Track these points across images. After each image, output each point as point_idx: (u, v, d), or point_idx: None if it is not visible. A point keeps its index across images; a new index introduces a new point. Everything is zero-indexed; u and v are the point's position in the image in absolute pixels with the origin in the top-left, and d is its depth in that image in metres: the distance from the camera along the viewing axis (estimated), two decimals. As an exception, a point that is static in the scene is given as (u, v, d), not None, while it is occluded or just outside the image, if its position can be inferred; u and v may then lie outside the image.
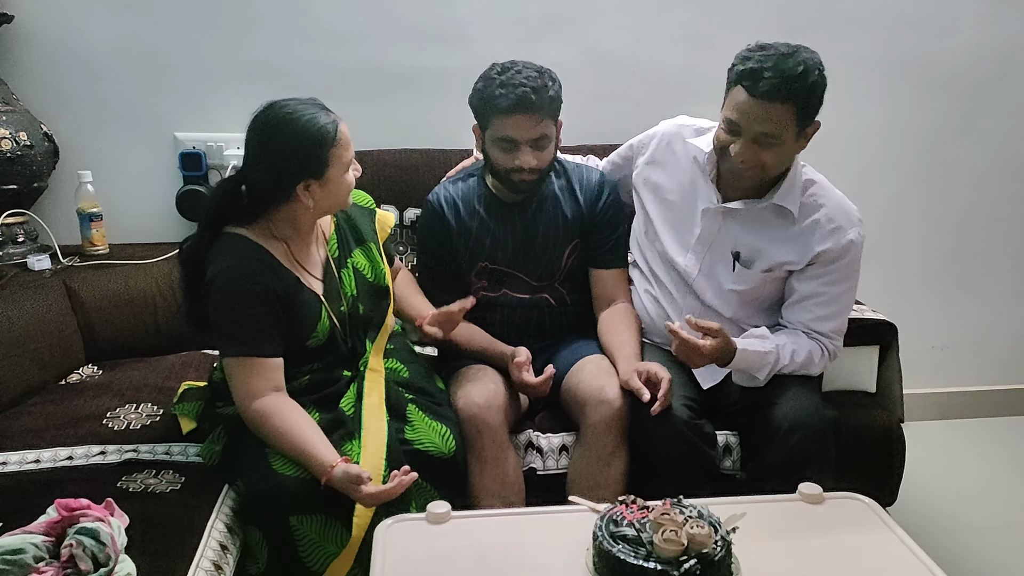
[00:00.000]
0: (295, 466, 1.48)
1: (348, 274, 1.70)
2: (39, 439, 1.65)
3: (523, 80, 1.69)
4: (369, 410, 1.59)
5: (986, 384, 2.82)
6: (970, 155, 2.60)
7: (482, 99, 1.74)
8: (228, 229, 1.58)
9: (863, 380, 2.01)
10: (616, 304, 1.89)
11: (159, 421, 1.75)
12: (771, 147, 1.60)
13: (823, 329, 1.73)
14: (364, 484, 1.41)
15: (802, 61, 1.55)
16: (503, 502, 1.63)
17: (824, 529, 1.39)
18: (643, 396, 1.61)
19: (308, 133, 1.50)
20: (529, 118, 1.71)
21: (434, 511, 1.39)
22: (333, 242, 1.71)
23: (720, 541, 1.19)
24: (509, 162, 1.75)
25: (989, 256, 2.70)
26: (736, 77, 1.60)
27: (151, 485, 1.51)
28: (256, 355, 1.52)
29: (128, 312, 2.06)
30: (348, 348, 1.69)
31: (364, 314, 1.71)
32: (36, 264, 2.09)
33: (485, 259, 1.87)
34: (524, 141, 1.73)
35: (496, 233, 1.86)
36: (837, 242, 1.69)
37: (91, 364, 2.01)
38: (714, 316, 1.81)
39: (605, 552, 1.19)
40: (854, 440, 1.83)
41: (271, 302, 1.53)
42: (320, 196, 1.56)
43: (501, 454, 1.66)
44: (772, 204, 1.70)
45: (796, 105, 1.56)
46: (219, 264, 1.53)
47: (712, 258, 1.79)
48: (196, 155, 2.29)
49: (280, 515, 1.46)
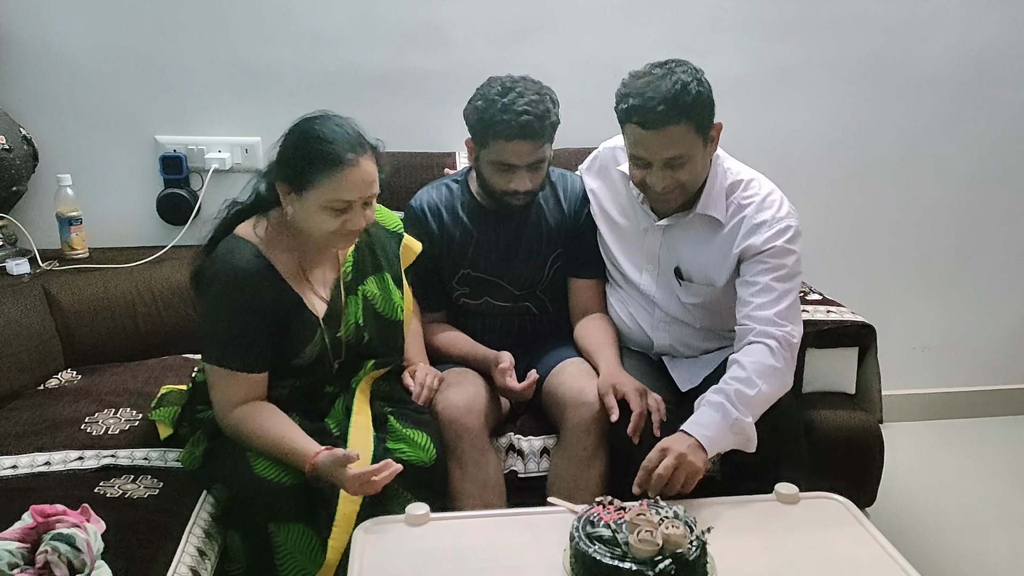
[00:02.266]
0: (278, 469, 1.47)
1: (356, 301, 1.65)
2: (17, 444, 1.64)
3: (526, 106, 1.67)
4: (357, 427, 1.58)
5: (967, 385, 2.84)
6: (950, 157, 2.62)
7: (481, 120, 1.71)
8: (240, 231, 1.55)
9: (842, 381, 2.03)
10: (592, 315, 1.89)
11: (138, 426, 1.74)
12: (683, 166, 1.60)
13: (765, 315, 1.60)
14: (349, 466, 1.39)
15: (678, 79, 1.54)
16: (484, 505, 1.63)
17: (799, 529, 1.40)
18: (612, 415, 1.62)
19: (310, 143, 1.47)
20: (530, 144, 1.70)
21: (413, 513, 1.39)
22: (349, 264, 1.66)
23: (695, 541, 1.20)
24: (504, 184, 1.74)
25: (970, 258, 2.73)
26: (624, 116, 1.60)
27: (129, 490, 1.50)
28: (240, 370, 1.50)
29: (108, 316, 2.05)
30: (335, 371, 1.66)
31: (367, 344, 1.67)
32: (15, 268, 2.08)
33: (468, 267, 1.87)
34: (522, 165, 1.72)
35: (479, 241, 1.86)
36: (761, 235, 1.64)
37: (70, 369, 2.00)
38: (685, 328, 1.82)
39: (581, 552, 1.20)
40: (833, 441, 1.85)
41: (264, 317, 1.50)
42: (296, 210, 1.50)
43: (481, 458, 1.66)
44: (698, 215, 1.71)
45: (690, 121, 1.56)
46: (219, 268, 1.50)
47: (664, 275, 1.80)
48: (177, 158, 2.28)
49: (260, 520, 1.46)
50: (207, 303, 1.52)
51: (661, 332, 1.85)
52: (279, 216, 1.55)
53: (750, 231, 1.66)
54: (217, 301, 1.50)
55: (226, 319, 1.50)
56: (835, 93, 2.51)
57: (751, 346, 1.59)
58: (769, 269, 1.63)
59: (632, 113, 1.57)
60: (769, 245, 1.64)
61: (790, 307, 1.62)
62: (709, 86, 1.60)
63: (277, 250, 1.55)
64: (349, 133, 1.49)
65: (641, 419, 1.60)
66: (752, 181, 1.72)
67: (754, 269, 1.65)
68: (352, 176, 1.46)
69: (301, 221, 1.50)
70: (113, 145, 2.30)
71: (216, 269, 1.50)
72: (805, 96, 2.50)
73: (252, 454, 1.49)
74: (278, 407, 1.55)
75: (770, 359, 1.56)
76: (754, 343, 1.59)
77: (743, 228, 1.67)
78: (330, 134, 1.47)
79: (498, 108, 1.68)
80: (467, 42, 2.34)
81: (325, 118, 1.51)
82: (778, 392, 1.58)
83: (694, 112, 1.56)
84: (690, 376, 1.81)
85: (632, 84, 1.59)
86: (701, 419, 1.51)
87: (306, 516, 1.47)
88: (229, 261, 1.50)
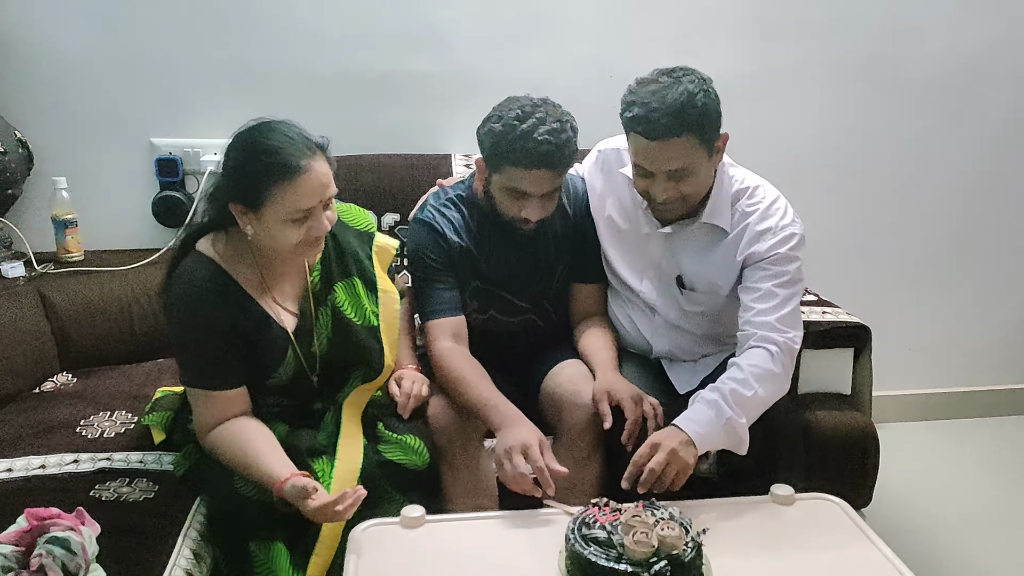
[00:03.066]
0: (258, 487, 1.45)
1: (326, 312, 1.60)
2: (12, 448, 1.64)
3: (547, 136, 1.58)
4: (346, 439, 1.56)
5: (962, 386, 2.85)
6: (945, 157, 2.63)
7: (497, 145, 1.62)
8: (200, 247, 1.51)
9: (838, 382, 2.03)
10: (592, 318, 1.87)
11: (133, 429, 1.74)
12: (685, 178, 1.57)
13: (766, 320, 1.61)
14: (312, 496, 1.35)
15: (684, 90, 1.51)
16: (476, 509, 1.62)
17: (795, 530, 1.40)
18: (604, 422, 1.59)
19: (258, 157, 1.39)
20: (548, 173, 1.63)
21: (409, 515, 1.39)
22: (316, 274, 1.61)
23: (691, 543, 1.20)
24: (515, 210, 1.68)
25: (965, 258, 2.73)
26: (628, 124, 1.56)
27: (124, 494, 1.50)
28: (212, 388, 1.48)
29: (103, 319, 2.05)
30: (318, 388, 1.64)
31: (341, 357, 1.62)
32: (10, 271, 2.07)
33: (478, 280, 1.80)
34: (537, 194, 1.65)
35: (491, 255, 1.78)
36: (765, 243, 1.64)
37: (65, 372, 2.00)
38: (686, 334, 1.81)
39: (577, 554, 1.20)
40: (829, 442, 1.85)
41: (228, 334, 1.47)
42: (256, 230, 1.44)
43: (473, 462, 1.66)
44: (703, 223, 1.69)
45: (694, 134, 1.52)
46: (178, 288, 1.47)
47: (666, 282, 1.78)
48: (172, 161, 2.28)
49: (240, 537, 1.44)
50: (173, 323, 1.49)
51: (661, 338, 1.84)
52: (238, 231, 1.48)
53: (754, 238, 1.65)
54: (181, 320, 1.47)
55: (191, 339, 1.47)
56: (830, 94, 2.52)
57: (752, 350, 1.59)
58: (772, 275, 1.63)
59: (636, 122, 1.53)
60: (772, 252, 1.63)
61: (791, 313, 1.62)
62: (717, 97, 1.56)
63: (238, 264, 1.50)
64: (294, 138, 1.42)
65: (635, 426, 1.58)
66: (757, 188, 1.71)
67: (756, 275, 1.65)
68: (308, 182, 1.40)
69: (263, 238, 1.45)
70: (109, 148, 2.29)
71: (176, 288, 1.47)
72: (800, 97, 2.51)
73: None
74: (265, 423, 1.52)
75: (769, 364, 1.56)
76: (755, 347, 1.58)
77: (747, 235, 1.66)
78: (276, 144, 1.40)
79: (517, 135, 1.59)
80: (465, 45, 2.34)
81: (266, 128, 1.43)
82: (774, 396, 1.58)
83: (699, 124, 1.52)
84: (688, 379, 1.81)
85: (638, 92, 1.55)
86: (694, 415, 1.51)
87: (286, 535, 1.46)
88: (189, 278, 1.47)
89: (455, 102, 2.39)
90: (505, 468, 1.46)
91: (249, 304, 1.51)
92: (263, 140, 1.41)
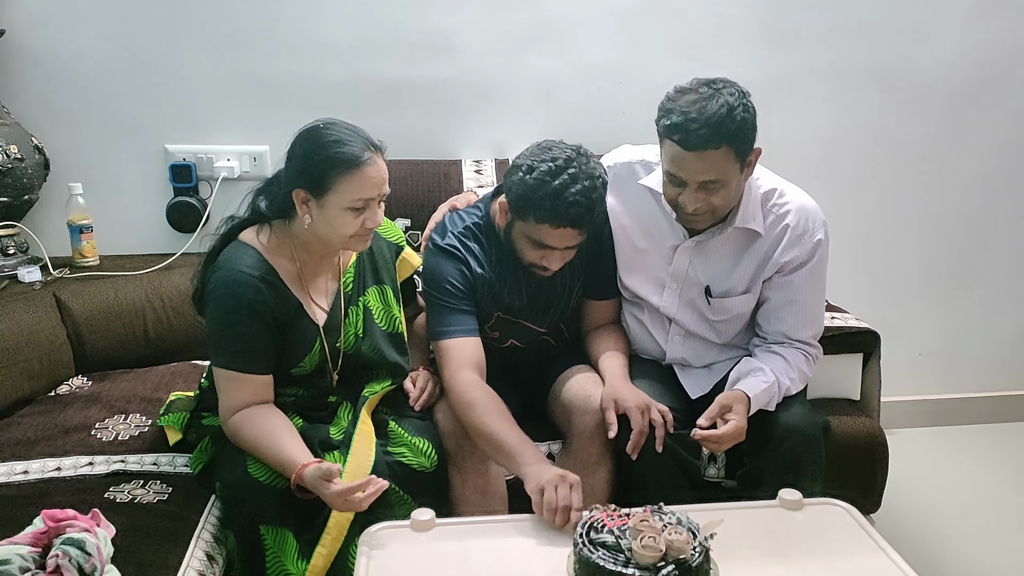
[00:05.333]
0: (270, 472, 1.48)
1: (356, 312, 1.67)
2: (28, 450, 1.66)
3: (578, 197, 1.55)
4: (361, 435, 1.59)
5: (972, 391, 2.83)
6: (954, 163, 2.62)
7: (525, 197, 1.59)
8: (243, 237, 1.58)
9: (847, 388, 2.03)
10: (606, 325, 1.86)
11: (147, 432, 1.76)
12: (717, 191, 1.57)
13: (803, 336, 1.73)
14: (333, 480, 1.39)
15: (724, 102, 1.51)
16: (485, 512, 1.63)
17: (803, 535, 1.41)
18: (610, 432, 1.59)
19: (327, 148, 1.49)
20: (574, 232, 1.61)
21: (418, 518, 1.40)
22: (350, 275, 1.68)
23: (698, 547, 1.20)
24: (535, 259, 1.67)
25: (975, 264, 2.72)
26: (664, 132, 1.56)
27: (138, 496, 1.52)
28: (245, 371, 1.53)
29: (118, 323, 2.07)
30: (336, 383, 1.68)
31: (366, 356, 1.67)
32: (26, 276, 2.10)
33: (501, 310, 1.78)
34: (559, 248, 1.64)
35: (511, 286, 1.76)
36: (804, 247, 1.68)
37: (80, 375, 2.02)
38: (703, 342, 1.82)
39: (585, 558, 1.20)
40: (838, 447, 1.85)
41: (267, 320, 1.53)
42: (316, 218, 1.52)
43: (482, 466, 1.67)
44: (736, 228, 1.70)
45: (731, 147, 1.52)
46: (222, 273, 1.53)
47: (689, 293, 1.78)
48: (186, 167, 2.31)
49: (251, 521, 1.47)
50: (212, 307, 1.54)
51: (675, 345, 1.84)
52: (281, 225, 1.58)
53: (792, 242, 1.68)
54: (222, 304, 1.52)
55: (230, 321, 1.52)
56: (839, 100, 2.52)
57: (791, 349, 1.71)
58: (810, 284, 1.71)
59: (673, 131, 1.53)
60: (811, 258, 1.69)
61: (821, 326, 1.77)
62: (754, 111, 1.56)
63: (279, 257, 1.57)
64: (359, 134, 1.53)
65: (641, 437, 1.57)
66: (784, 190, 1.72)
67: (797, 283, 1.70)
68: (370, 174, 1.50)
69: (321, 226, 1.52)
70: (123, 154, 2.32)
71: (220, 273, 1.53)
72: (809, 103, 2.51)
73: (249, 455, 1.51)
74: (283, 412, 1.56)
75: (805, 366, 1.72)
76: (793, 349, 1.72)
77: (787, 237, 1.68)
78: (343, 137, 1.50)
79: (548, 192, 1.56)
80: (474, 51, 2.36)
81: (331, 123, 1.53)
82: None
83: (736, 138, 1.52)
84: (700, 384, 1.81)
85: (677, 100, 1.54)
86: (754, 390, 1.60)
87: (296, 522, 1.48)
88: (233, 265, 1.53)
89: (465, 108, 2.41)
90: (547, 498, 1.39)
91: (286, 294, 1.57)
92: (331, 133, 1.51)
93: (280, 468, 1.47)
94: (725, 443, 1.56)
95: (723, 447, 1.58)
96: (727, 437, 1.55)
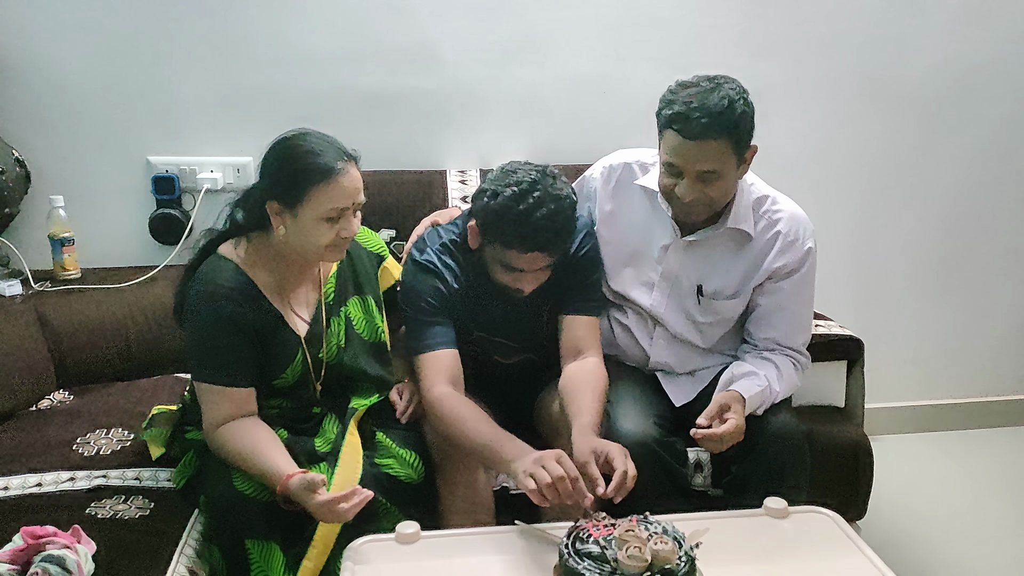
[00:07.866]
0: (256, 485, 1.47)
1: (339, 322, 1.67)
2: (8, 466, 1.64)
3: (544, 221, 1.53)
4: (348, 447, 1.59)
5: (956, 397, 2.85)
6: (936, 171, 2.65)
7: (491, 224, 1.58)
8: (222, 250, 1.58)
9: (831, 395, 2.04)
10: (585, 357, 1.71)
11: (129, 446, 1.74)
12: (714, 182, 1.60)
13: (793, 344, 1.77)
14: (318, 491, 1.38)
15: (725, 95, 1.55)
16: (472, 523, 1.62)
17: (789, 543, 1.41)
18: (598, 488, 1.39)
19: (300, 159, 1.49)
20: (543, 256, 1.60)
21: (403, 531, 1.39)
22: (331, 285, 1.68)
23: (684, 557, 1.21)
24: (507, 281, 1.65)
25: (957, 270, 2.75)
26: (665, 122, 1.59)
27: (120, 511, 1.50)
28: (227, 384, 1.52)
29: (100, 337, 2.05)
30: (320, 394, 1.67)
31: (349, 366, 1.67)
32: (7, 290, 2.08)
33: (477, 327, 1.77)
34: (530, 271, 1.63)
35: (487, 304, 1.74)
36: (795, 254, 1.72)
37: (62, 389, 2.00)
38: (687, 346, 1.83)
39: (571, 569, 1.20)
40: (822, 455, 1.85)
41: (247, 333, 1.53)
42: (291, 229, 1.52)
43: (470, 476, 1.66)
44: (728, 228, 1.72)
45: (730, 139, 1.56)
46: (200, 287, 1.53)
47: (679, 292, 1.79)
48: (169, 179, 2.29)
49: (237, 534, 1.46)
50: (191, 321, 1.54)
51: (659, 349, 1.85)
52: (259, 237, 1.58)
53: (784, 249, 1.72)
54: (200, 318, 1.52)
55: (210, 335, 1.52)
56: (822, 109, 2.54)
57: (781, 357, 1.74)
58: (800, 291, 1.75)
59: (674, 120, 1.56)
60: (802, 265, 1.72)
61: (810, 333, 1.81)
62: (753, 108, 1.60)
63: (258, 269, 1.57)
64: (332, 144, 1.53)
65: (626, 478, 1.41)
66: (776, 197, 1.77)
67: (788, 289, 1.74)
68: (344, 183, 1.50)
69: (296, 238, 1.52)
70: (105, 166, 2.31)
71: (198, 288, 1.53)
72: (792, 113, 2.53)
73: (235, 468, 1.50)
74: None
75: (795, 385, 1.75)
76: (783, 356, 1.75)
77: (778, 244, 1.72)
78: (316, 147, 1.50)
79: (512, 216, 1.54)
80: (459, 62, 2.36)
81: (305, 133, 1.54)
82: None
83: (736, 130, 1.56)
84: (684, 392, 1.82)
85: (679, 92, 1.59)
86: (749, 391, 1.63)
87: (282, 536, 1.47)
88: (211, 279, 1.53)
89: (450, 119, 2.41)
90: (539, 477, 1.34)
91: (266, 306, 1.57)
92: (304, 144, 1.51)
93: (265, 479, 1.46)
94: (726, 442, 1.57)
95: (724, 446, 1.58)
96: (727, 436, 1.55)
